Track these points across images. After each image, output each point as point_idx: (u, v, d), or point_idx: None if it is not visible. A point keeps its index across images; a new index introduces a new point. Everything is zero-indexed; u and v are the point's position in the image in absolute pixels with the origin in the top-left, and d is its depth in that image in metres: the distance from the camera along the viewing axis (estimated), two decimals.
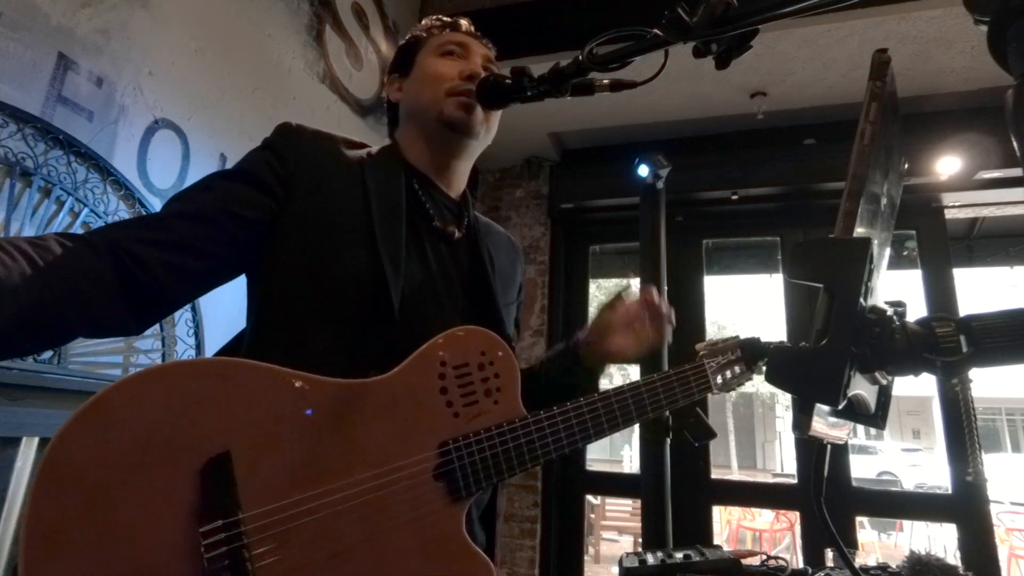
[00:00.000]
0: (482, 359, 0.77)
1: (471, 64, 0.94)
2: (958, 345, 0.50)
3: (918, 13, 2.46)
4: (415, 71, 0.97)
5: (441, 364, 0.75)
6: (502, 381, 0.78)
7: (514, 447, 0.76)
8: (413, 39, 1.02)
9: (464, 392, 0.76)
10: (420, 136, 0.94)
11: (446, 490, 0.71)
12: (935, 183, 3.08)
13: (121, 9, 1.62)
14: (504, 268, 0.99)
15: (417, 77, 0.96)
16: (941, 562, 0.97)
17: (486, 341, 0.79)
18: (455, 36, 0.98)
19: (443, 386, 0.75)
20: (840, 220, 0.55)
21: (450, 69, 0.93)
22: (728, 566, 1.06)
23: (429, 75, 0.94)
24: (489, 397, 0.77)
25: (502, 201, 3.92)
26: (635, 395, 0.84)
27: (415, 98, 0.95)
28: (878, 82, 0.60)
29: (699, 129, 3.44)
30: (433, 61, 0.95)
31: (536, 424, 0.78)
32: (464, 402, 0.75)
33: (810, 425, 0.51)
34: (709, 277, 3.64)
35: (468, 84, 0.90)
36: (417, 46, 1.00)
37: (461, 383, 0.75)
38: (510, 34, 2.98)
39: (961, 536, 2.88)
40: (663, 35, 0.72)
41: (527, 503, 3.39)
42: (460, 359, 0.76)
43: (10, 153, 1.33)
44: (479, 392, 0.76)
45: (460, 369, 0.76)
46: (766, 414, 19.60)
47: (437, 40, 0.98)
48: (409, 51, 1.01)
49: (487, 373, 0.77)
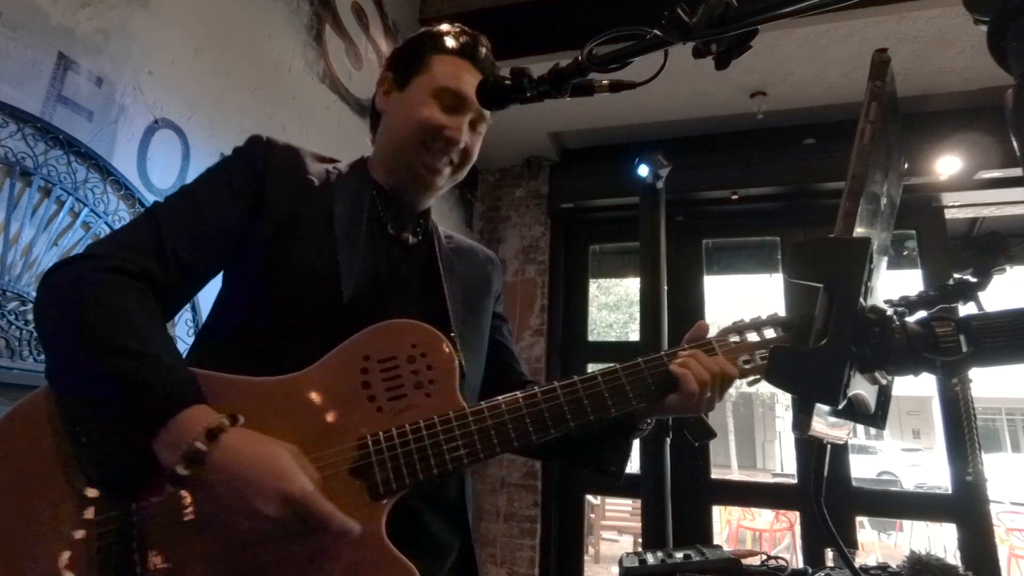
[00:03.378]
0: (413, 351, 0.75)
1: (458, 129, 0.91)
2: (958, 345, 0.50)
3: (918, 13, 2.46)
4: (408, 93, 0.93)
5: (364, 358, 0.73)
6: (436, 374, 0.74)
7: (445, 439, 0.71)
8: (423, 44, 0.96)
9: (390, 386, 0.73)
10: (389, 161, 0.95)
11: (364, 488, 0.68)
12: (935, 183, 3.08)
13: (121, 9, 1.62)
14: (470, 275, 1.00)
15: (406, 106, 0.92)
16: (941, 562, 0.97)
17: (419, 334, 0.76)
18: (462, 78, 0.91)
19: (365, 380, 0.73)
20: (840, 220, 0.55)
21: (438, 121, 0.90)
22: (728, 566, 1.06)
23: (415, 118, 0.90)
24: (420, 390, 0.73)
25: (502, 201, 3.92)
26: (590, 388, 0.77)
27: (395, 128, 0.94)
28: (878, 82, 0.60)
29: (699, 129, 3.44)
30: (426, 103, 0.90)
31: (476, 416, 0.73)
32: (389, 396, 0.73)
33: (810, 425, 0.51)
34: (709, 277, 3.64)
35: (446, 150, 0.91)
36: (423, 58, 0.94)
37: (386, 376, 0.73)
38: (510, 34, 2.98)
39: (961, 536, 2.88)
40: (663, 35, 0.72)
41: (527, 503, 3.39)
42: (387, 352, 0.74)
43: (10, 153, 1.33)
44: (408, 385, 0.73)
45: (386, 363, 0.74)
46: (766, 414, 19.60)
47: (444, 68, 0.92)
48: (414, 58, 0.95)
49: (418, 366, 0.74)
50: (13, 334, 1.32)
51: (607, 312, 15.66)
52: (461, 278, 0.97)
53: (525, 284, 3.73)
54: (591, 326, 3.95)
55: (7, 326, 1.32)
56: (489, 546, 3.39)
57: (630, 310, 14.79)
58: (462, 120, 0.92)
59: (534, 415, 0.74)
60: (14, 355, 1.32)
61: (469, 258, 1.03)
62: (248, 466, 0.62)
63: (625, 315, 15.34)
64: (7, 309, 1.32)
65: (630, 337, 13.64)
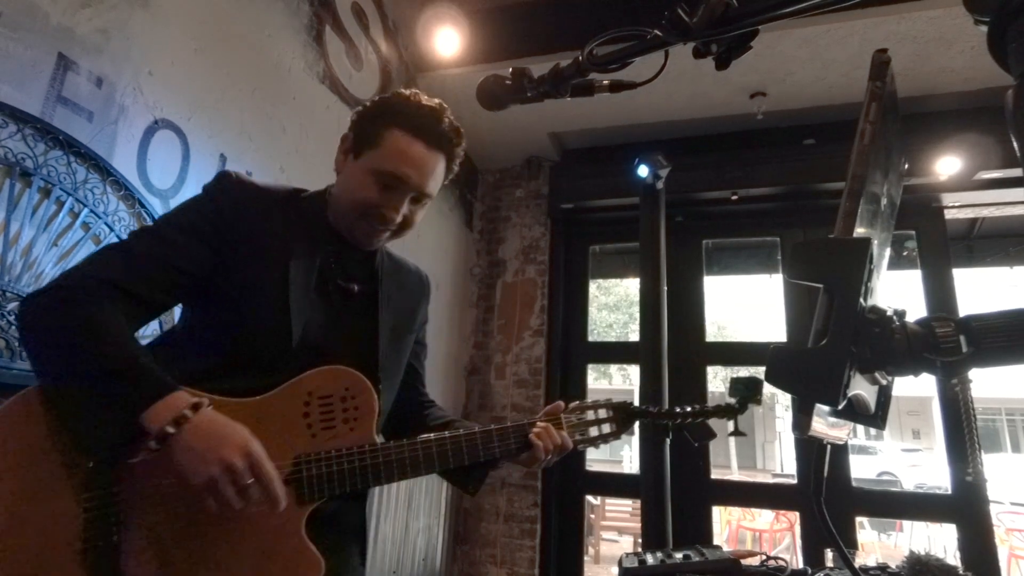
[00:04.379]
0: (346, 393, 0.94)
1: (395, 209, 0.99)
2: (958, 345, 0.50)
3: (918, 13, 2.46)
4: (358, 164, 1.00)
5: (308, 394, 0.92)
6: (360, 413, 0.94)
7: (359, 467, 0.92)
8: (381, 114, 1.00)
9: (324, 418, 0.92)
10: (338, 215, 1.04)
11: (293, 494, 0.87)
12: (935, 183, 3.08)
13: (121, 9, 1.62)
14: (402, 307, 1.13)
15: (352, 179, 1.00)
16: (941, 562, 0.97)
17: (352, 381, 0.95)
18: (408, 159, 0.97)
19: (306, 411, 0.92)
20: (840, 220, 0.55)
21: (374, 202, 0.98)
22: (728, 566, 1.06)
23: (356, 196, 0.99)
24: (346, 424, 0.93)
25: (502, 201, 3.92)
26: (469, 442, 1.01)
27: (342, 194, 1.02)
28: (878, 82, 0.60)
29: (699, 129, 3.44)
30: (367, 184, 0.98)
31: (384, 452, 0.95)
32: (322, 426, 0.92)
33: (810, 425, 0.51)
34: (709, 277, 3.65)
35: (382, 227, 1.01)
36: (378, 131, 0.98)
37: (323, 410, 0.92)
38: (510, 34, 2.98)
39: (961, 536, 2.88)
40: (663, 35, 0.72)
41: (527, 503, 3.39)
42: (326, 391, 0.93)
43: (10, 153, 1.33)
44: (338, 420, 0.93)
45: (324, 400, 0.93)
46: (766, 414, 19.59)
47: (394, 146, 0.97)
48: (371, 128, 0.99)
49: (348, 405, 0.94)
50: (13, 334, 1.32)
51: (607, 312, 15.66)
52: (395, 313, 1.10)
53: (525, 284, 3.73)
54: (591, 326, 3.95)
55: (7, 326, 1.32)
56: (489, 546, 3.39)
57: (630, 310, 14.79)
58: (401, 200, 0.99)
59: (426, 455, 0.97)
60: (14, 355, 1.32)
61: (405, 288, 1.15)
62: (224, 424, 0.81)
63: (625, 315, 15.35)
64: (7, 309, 1.32)
65: (630, 337, 13.64)
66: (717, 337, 13.29)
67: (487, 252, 3.89)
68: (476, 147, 3.70)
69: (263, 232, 0.98)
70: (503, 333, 3.70)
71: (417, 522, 3.08)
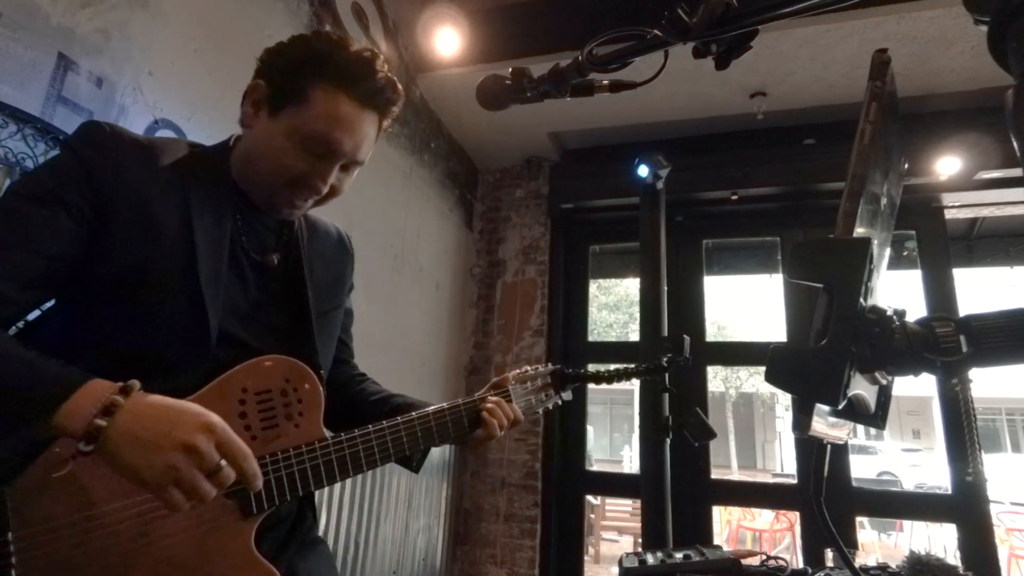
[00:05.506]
0: (286, 385, 0.82)
1: (324, 178, 0.85)
2: (958, 345, 0.50)
3: (918, 13, 2.46)
4: (276, 124, 0.83)
5: (242, 391, 0.79)
6: (304, 406, 0.83)
7: (311, 467, 0.81)
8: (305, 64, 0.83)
9: (264, 416, 0.80)
10: (248, 179, 0.88)
11: (237, 507, 0.76)
12: (935, 183, 3.08)
13: (121, 9, 1.61)
14: (328, 276, 0.99)
15: (270, 140, 0.83)
16: (941, 562, 0.97)
17: (292, 370, 0.83)
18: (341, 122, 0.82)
19: (242, 411, 0.79)
20: (840, 220, 0.55)
21: (301, 170, 0.84)
22: (728, 566, 1.06)
23: (278, 162, 0.83)
24: (290, 421, 0.82)
25: (502, 201, 3.92)
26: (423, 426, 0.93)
27: (256, 156, 0.86)
28: (878, 82, 0.60)
29: (699, 129, 3.44)
30: (292, 149, 0.82)
31: (336, 447, 0.84)
32: (263, 425, 0.80)
33: (810, 425, 0.51)
34: (709, 277, 3.64)
35: (307, 195, 0.86)
36: (302, 84, 0.82)
37: (262, 408, 0.80)
38: (510, 34, 2.98)
39: (961, 536, 2.88)
40: (663, 35, 0.72)
41: (527, 503, 3.39)
42: (262, 386, 0.80)
43: (10, 153, 1.33)
44: (280, 416, 0.81)
45: (262, 395, 0.80)
46: (766, 414, 19.59)
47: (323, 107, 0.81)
48: (293, 79, 0.83)
49: (290, 399, 0.82)
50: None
51: (607, 312, 15.67)
52: (321, 285, 0.96)
53: (525, 284, 3.73)
54: (591, 326, 3.95)
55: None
56: (489, 546, 3.39)
57: (630, 310, 14.79)
58: (329, 168, 0.85)
59: (381, 445, 0.88)
60: None
61: (327, 254, 1.01)
62: (168, 403, 0.66)
63: (625, 315, 15.35)
64: None
65: (630, 337, 13.64)
66: (717, 337, 13.30)
67: (487, 252, 3.89)
68: (476, 147, 3.70)
69: (153, 198, 0.78)
70: (503, 333, 3.70)
71: (417, 522, 3.08)
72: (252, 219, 0.90)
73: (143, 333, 0.76)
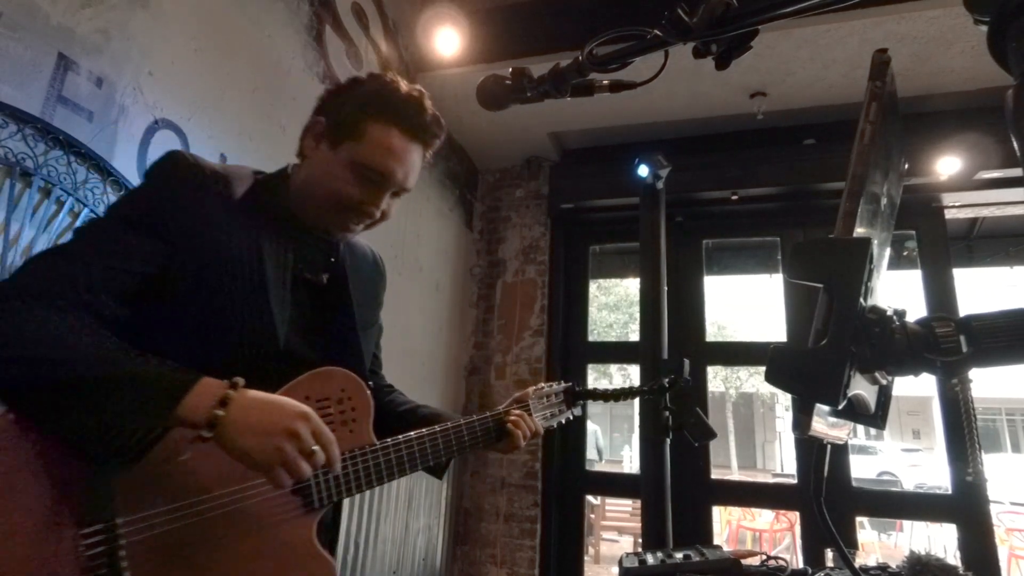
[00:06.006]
0: (342, 395, 0.92)
1: (376, 205, 0.95)
2: (958, 345, 0.50)
3: (918, 13, 2.46)
4: (335, 156, 0.93)
5: (305, 398, 0.87)
6: (357, 414, 0.93)
7: (363, 468, 0.92)
8: (363, 104, 0.95)
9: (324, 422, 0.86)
10: (305, 205, 0.97)
11: (301, 502, 0.85)
12: (935, 183, 3.08)
13: (121, 9, 1.62)
14: (366, 295, 1.09)
15: (328, 171, 0.94)
16: (941, 562, 0.97)
17: (347, 381, 0.93)
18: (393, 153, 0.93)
19: None
20: (840, 220, 0.55)
21: (356, 198, 0.94)
22: (728, 566, 1.06)
23: (334, 189, 0.93)
24: (345, 426, 0.91)
25: (502, 201, 3.92)
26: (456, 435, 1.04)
27: (315, 184, 0.95)
28: (878, 82, 0.60)
29: (699, 129, 3.44)
30: (347, 179, 0.93)
31: (383, 451, 0.94)
32: None
33: (810, 425, 0.51)
34: (709, 277, 3.64)
35: (360, 220, 0.97)
36: (359, 122, 0.93)
37: (322, 414, 0.86)
38: (510, 34, 2.98)
39: (961, 536, 2.88)
40: (663, 35, 0.72)
41: (527, 503, 3.39)
42: (322, 394, 0.90)
43: (10, 153, 1.33)
44: (336, 422, 0.90)
45: (322, 403, 0.89)
46: (766, 414, 19.59)
47: (377, 141, 0.92)
48: (350, 117, 0.94)
49: (345, 407, 0.92)
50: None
51: (607, 312, 15.66)
52: (362, 303, 1.07)
53: (525, 284, 3.73)
54: (591, 326, 3.95)
55: None
56: (489, 546, 3.39)
57: (630, 310, 14.79)
58: (382, 195, 0.96)
59: (422, 450, 0.98)
60: None
61: (364, 273, 1.11)
62: (270, 396, 0.78)
63: (625, 315, 15.34)
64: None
65: (630, 337, 13.64)
66: (717, 337, 13.29)
67: (487, 252, 3.89)
68: (476, 147, 3.70)
69: (229, 227, 0.89)
70: (503, 333, 3.70)
71: (417, 522, 3.08)
72: (306, 241, 0.99)
73: (218, 348, 0.85)
